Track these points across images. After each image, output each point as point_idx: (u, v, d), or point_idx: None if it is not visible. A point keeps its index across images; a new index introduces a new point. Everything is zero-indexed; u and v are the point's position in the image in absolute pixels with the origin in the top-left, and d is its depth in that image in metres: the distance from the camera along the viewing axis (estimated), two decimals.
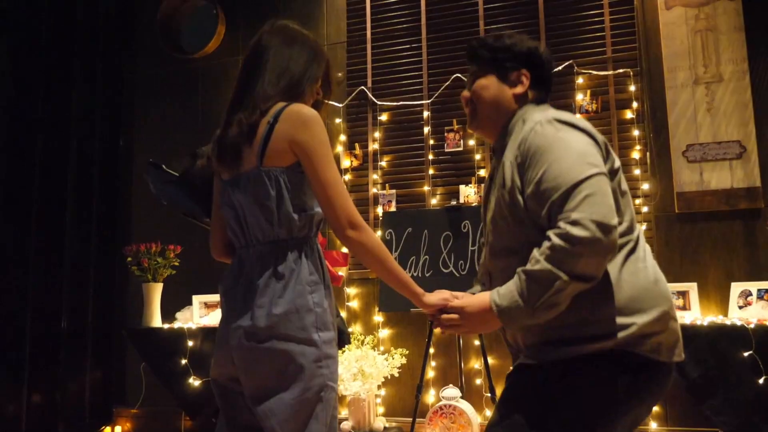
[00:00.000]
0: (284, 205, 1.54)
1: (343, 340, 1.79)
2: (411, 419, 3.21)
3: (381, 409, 3.65)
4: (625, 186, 1.51)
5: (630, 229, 1.47)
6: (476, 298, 1.48)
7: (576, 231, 1.32)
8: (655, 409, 3.23)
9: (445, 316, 1.53)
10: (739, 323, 2.70)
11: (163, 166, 1.78)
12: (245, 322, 1.52)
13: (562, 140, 1.42)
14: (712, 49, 3.40)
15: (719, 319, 2.88)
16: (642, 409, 1.45)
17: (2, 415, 3.39)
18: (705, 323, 2.75)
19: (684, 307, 3.18)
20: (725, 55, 3.38)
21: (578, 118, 1.50)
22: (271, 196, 1.54)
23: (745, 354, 2.62)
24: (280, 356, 1.49)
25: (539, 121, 1.48)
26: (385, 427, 3.47)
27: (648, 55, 3.54)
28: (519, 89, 1.61)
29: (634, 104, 3.51)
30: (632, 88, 3.52)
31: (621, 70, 3.55)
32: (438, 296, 1.57)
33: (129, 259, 3.46)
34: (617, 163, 1.50)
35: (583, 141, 1.43)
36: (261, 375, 1.51)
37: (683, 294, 3.21)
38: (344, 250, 3.86)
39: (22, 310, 3.50)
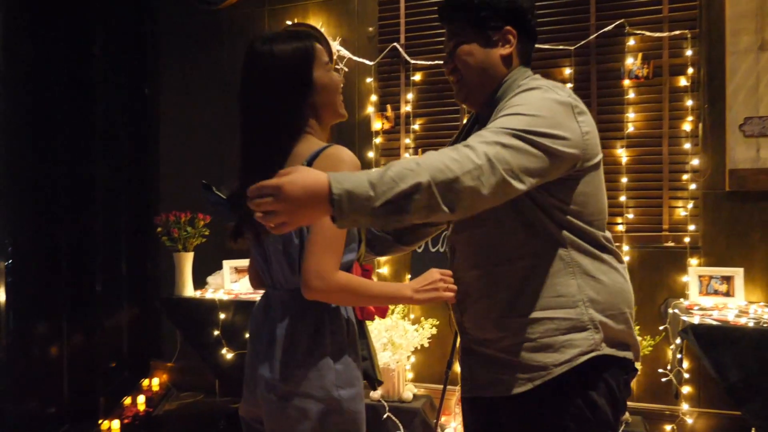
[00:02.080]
0: None
1: (371, 386, 1.73)
2: (440, 386, 3.22)
3: (410, 375, 3.69)
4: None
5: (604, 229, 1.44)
6: (310, 173, 1.10)
7: (492, 152, 1.16)
8: (688, 390, 3.20)
9: (258, 200, 1.07)
10: None
11: (213, 188, 1.76)
12: (266, 372, 1.49)
13: (546, 107, 1.28)
14: None
15: (766, 316, 2.75)
16: None
17: (44, 370, 3.51)
18: (750, 324, 2.63)
19: (728, 294, 3.06)
20: None
21: (575, 99, 1.34)
22: (294, 245, 1.47)
23: None
24: (298, 413, 1.46)
25: (536, 87, 1.35)
26: (414, 396, 3.51)
27: (709, 15, 3.21)
28: (506, 49, 1.45)
29: (690, 70, 3.23)
30: (689, 52, 3.22)
31: (677, 32, 3.24)
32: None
33: (159, 229, 3.44)
34: (600, 155, 1.39)
35: (571, 126, 1.29)
36: (279, 430, 1.49)
37: (727, 279, 3.08)
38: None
39: (56, 275, 3.55)
